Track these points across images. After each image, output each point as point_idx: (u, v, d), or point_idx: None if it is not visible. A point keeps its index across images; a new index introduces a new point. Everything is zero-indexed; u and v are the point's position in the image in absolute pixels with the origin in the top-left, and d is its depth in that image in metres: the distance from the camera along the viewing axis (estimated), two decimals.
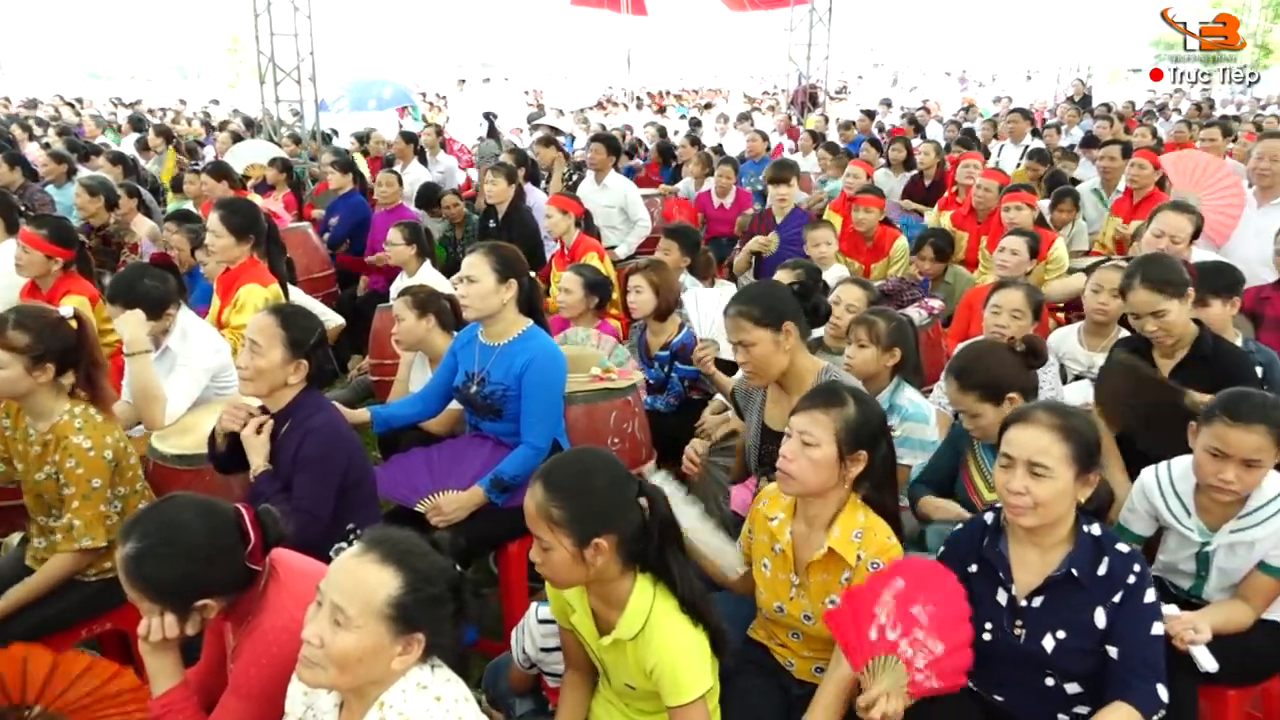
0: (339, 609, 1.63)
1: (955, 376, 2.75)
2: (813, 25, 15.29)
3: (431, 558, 1.72)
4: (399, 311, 3.68)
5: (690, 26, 28.88)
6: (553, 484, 1.90)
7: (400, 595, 1.64)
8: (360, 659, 1.63)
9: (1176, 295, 3.01)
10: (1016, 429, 2.11)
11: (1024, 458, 2.06)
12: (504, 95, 19.20)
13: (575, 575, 1.93)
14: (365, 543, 1.70)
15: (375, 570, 1.65)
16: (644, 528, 1.92)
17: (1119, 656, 2.02)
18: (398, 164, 8.65)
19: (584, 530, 1.87)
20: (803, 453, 2.20)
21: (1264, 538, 2.36)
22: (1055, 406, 2.15)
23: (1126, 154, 6.69)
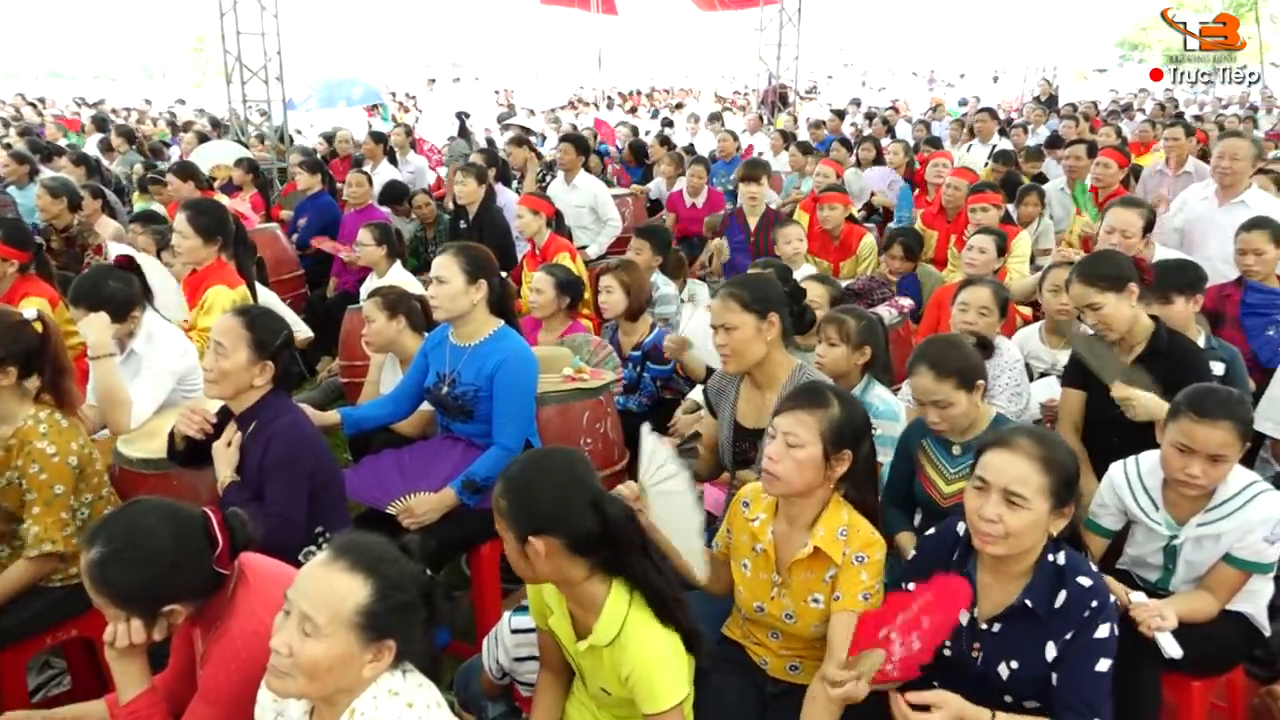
0: (307, 618, 1.61)
1: (930, 366, 2.69)
2: (782, 25, 15.37)
3: (401, 563, 1.71)
4: (369, 313, 3.66)
5: (661, 26, 28.93)
6: (506, 477, 1.93)
7: (370, 603, 1.63)
8: (330, 668, 1.61)
9: (1111, 289, 3.04)
10: (996, 454, 2.04)
11: (1000, 484, 1.99)
12: (474, 95, 19.13)
13: (525, 571, 1.95)
14: (333, 550, 1.68)
15: (344, 578, 1.64)
16: (599, 535, 1.90)
17: (1060, 689, 2.02)
18: (367, 164, 8.59)
19: (521, 528, 1.89)
20: (788, 454, 2.20)
21: (1230, 531, 2.40)
22: (1038, 435, 2.09)
23: (1092, 153, 6.77)
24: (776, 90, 15.49)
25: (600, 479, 2.01)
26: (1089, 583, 2.04)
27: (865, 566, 2.20)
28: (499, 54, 31.54)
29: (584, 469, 1.97)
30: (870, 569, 2.20)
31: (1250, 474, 2.47)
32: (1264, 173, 5.82)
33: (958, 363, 2.69)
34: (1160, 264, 3.52)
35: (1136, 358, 3.15)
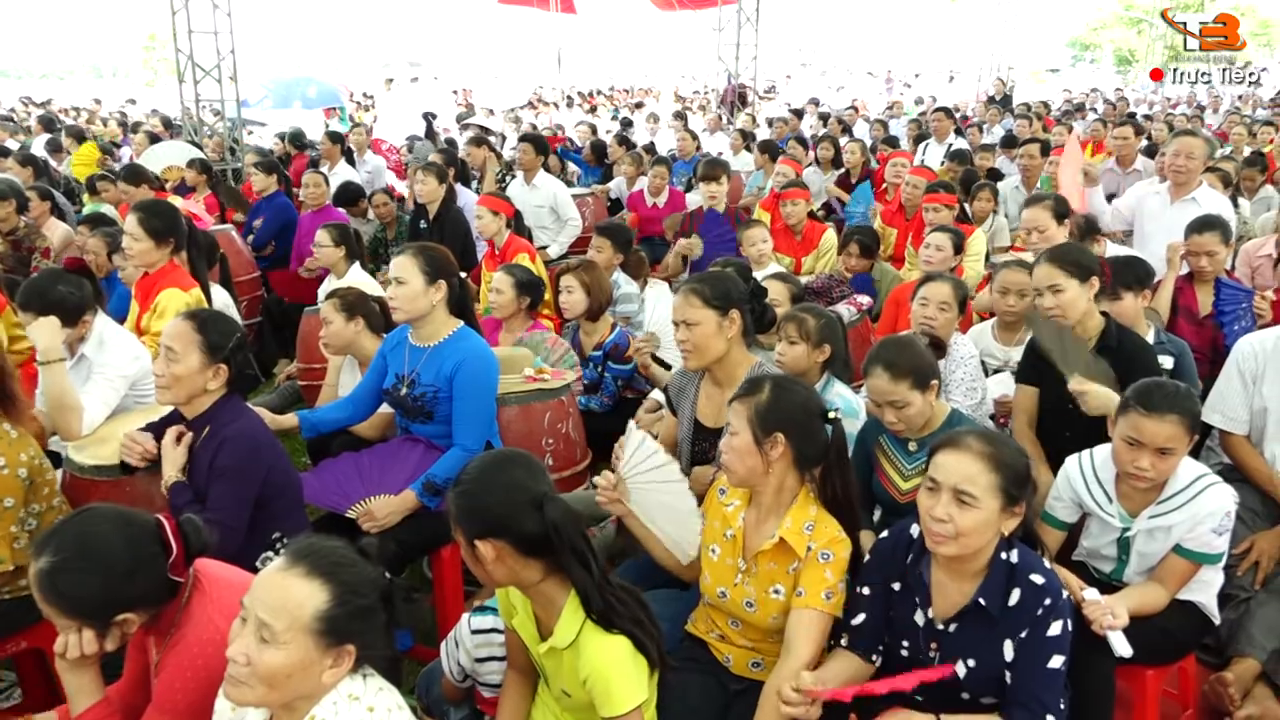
0: (265, 625, 1.59)
1: (886, 367, 2.72)
2: (740, 25, 15.44)
3: (360, 568, 1.69)
4: (326, 314, 3.62)
5: (620, 26, 28.92)
6: (460, 478, 1.94)
7: (329, 609, 1.61)
8: (289, 675, 1.60)
9: (1076, 276, 3.10)
10: (946, 454, 2.06)
11: (950, 484, 2.01)
12: (433, 95, 18.99)
13: (481, 573, 1.94)
14: (290, 555, 1.66)
15: (302, 584, 1.62)
16: (542, 538, 1.89)
17: (1013, 685, 2.04)
18: (324, 165, 8.50)
19: (469, 531, 1.89)
20: (728, 442, 2.26)
21: (1180, 522, 2.45)
22: (987, 435, 2.11)
23: (1045, 152, 6.88)
24: (736, 90, 15.56)
25: (562, 479, 2.01)
26: (1042, 580, 2.06)
27: (830, 564, 2.22)
28: (457, 53, 31.29)
29: (531, 471, 1.96)
30: (834, 567, 2.22)
31: (1199, 467, 2.52)
32: (1212, 171, 5.95)
33: (912, 363, 2.72)
34: (1109, 260, 3.59)
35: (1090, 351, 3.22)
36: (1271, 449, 3.23)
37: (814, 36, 33.14)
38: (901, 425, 2.76)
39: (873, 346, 2.91)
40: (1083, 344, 3.05)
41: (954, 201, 5.64)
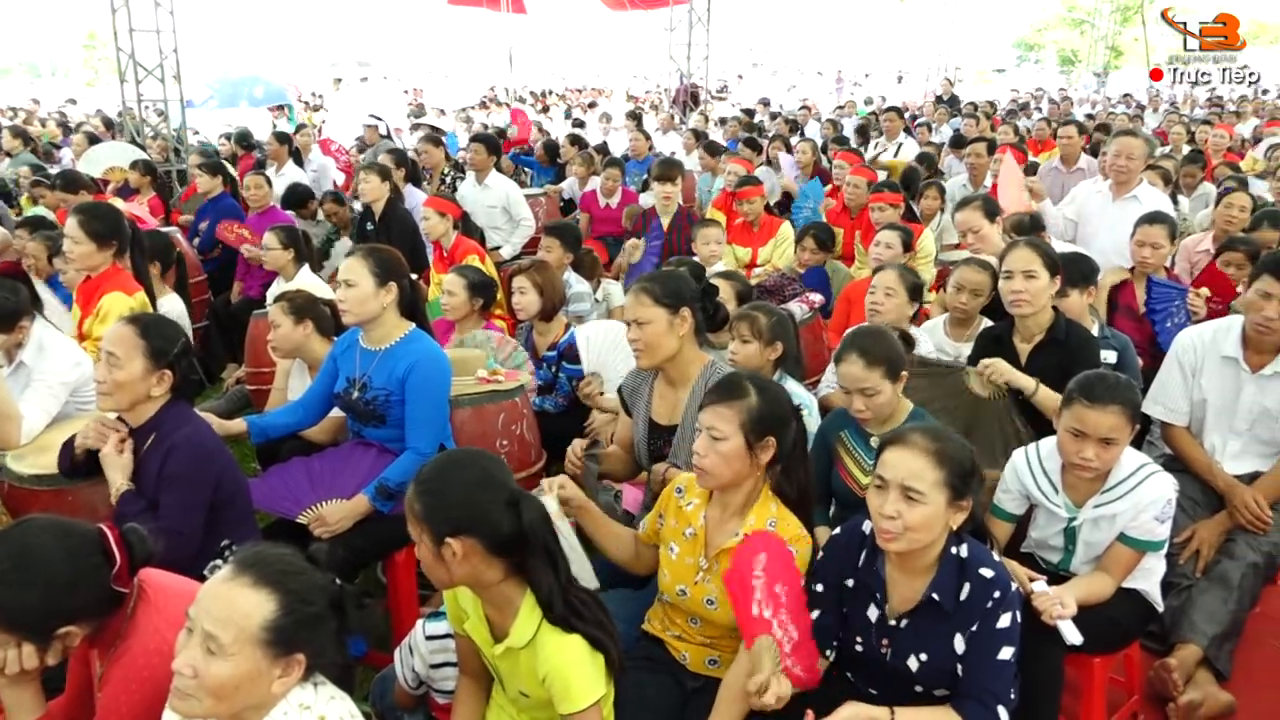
0: (211, 637, 1.56)
1: (860, 354, 2.73)
2: (692, 25, 15.49)
3: (308, 575, 1.67)
4: (275, 318, 3.57)
5: (571, 26, 28.86)
6: (420, 479, 1.90)
7: (276, 618, 1.59)
8: (237, 686, 1.58)
9: (1048, 269, 3.23)
10: (892, 451, 2.08)
11: (898, 481, 2.03)
12: (383, 94, 18.80)
13: (440, 574, 1.91)
14: (236, 565, 1.64)
15: (248, 594, 1.59)
16: (517, 537, 1.88)
17: (965, 678, 2.08)
18: (271, 165, 8.37)
19: (438, 529, 1.86)
20: (712, 447, 2.24)
21: (1123, 511, 2.51)
22: (931, 430, 2.14)
23: (991, 150, 7.00)
24: (688, 90, 15.60)
25: (518, 481, 1.99)
26: (991, 573, 2.09)
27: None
28: (407, 53, 31.01)
29: (499, 469, 1.96)
30: (797, 564, 2.24)
31: (1141, 456, 2.59)
32: (1152, 169, 6.10)
33: (886, 352, 2.76)
34: (1074, 255, 3.68)
35: (1035, 346, 3.30)
36: (1210, 439, 3.32)
37: (765, 37, 33.39)
38: (869, 414, 2.77)
39: (846, 334, 2.94)
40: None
41: (899, 200, 5.71)
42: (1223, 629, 2.92)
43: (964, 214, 4.45)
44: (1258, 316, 3.12)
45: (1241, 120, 12.94)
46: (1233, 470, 3.25)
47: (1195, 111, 16.79)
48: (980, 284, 3.81)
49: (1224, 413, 3.27)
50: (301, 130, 10.43)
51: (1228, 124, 11.10)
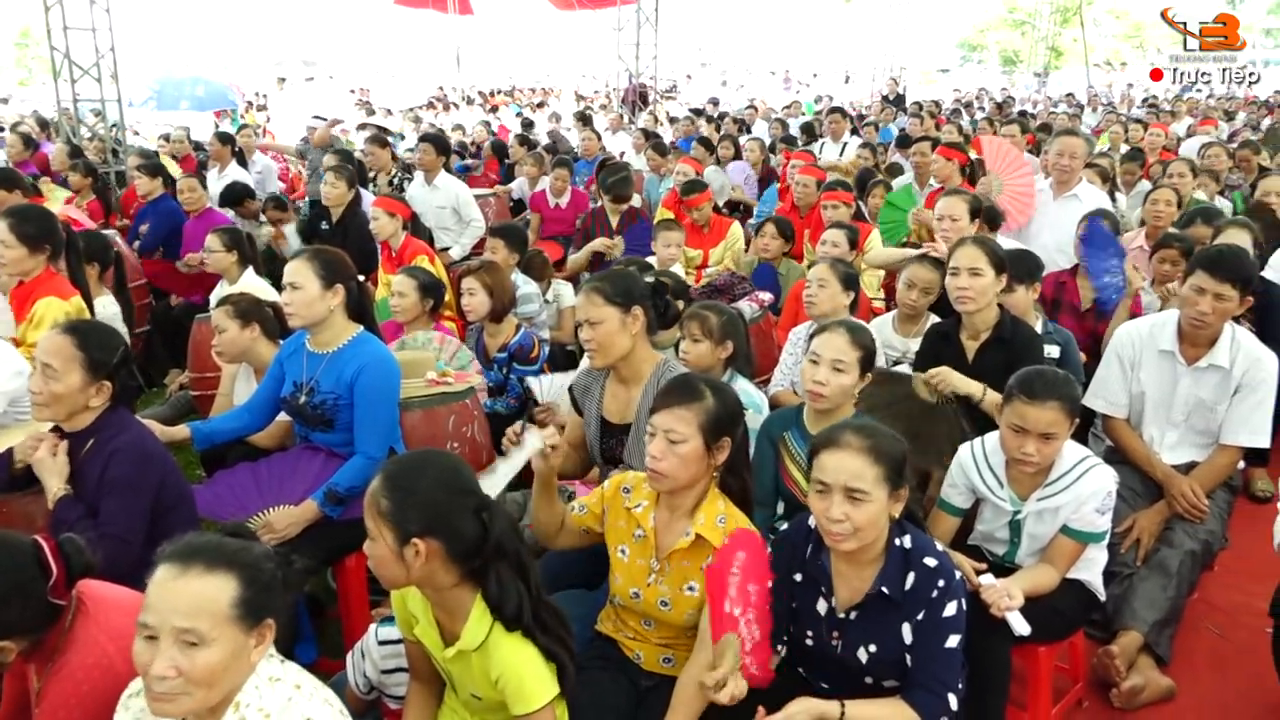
0: (188, 631, 1.56)
1: (849, 331, 2.78)
2: (640, 25, 15.51)
3: (249, 547, 1.69)
4: (219, 321, 3.50)
5: (518, 25, 28.74)
6: (389, 476, 1.88)
7: (242, 593, 1.61)
8: (226, 667, 1.60)
9: (994, 267, 3.29)
10: (829, 454, 2.09)
11: (840, 484, 2.04)
12: (329, 95, 18.52)
13: (395, 573, 1.88)
14: (178, 559, 1.62)
15: (208, 580, 1.60)
16: (477, 542, 1.87)
17: (914, 668, 2.11)
18: (213, 167, 8.21)
19: (404, 527, 1.84)
20: (670, 450, 2.23)
21: (1066, 503, 2.56)
22: (863, 427, 2.14)
23: (935, 148, 7.08)
24: (637, 89, 15.63)
25: None
26: (935, 563, 2.12)
27: None
28: (353, 52, 30.60)
29: (468, 473, 1.95)
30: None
31: (1083, 449, 2.64)
32: (1091, 167, 6.24)
33: (869, 343, 2.82)
34: (1021, 253, 3.74)
35: (982, 343, 3.35)
36: (1149, 431, 3.41)
37: (713, 37, 33.53)
38: (827, 391, 2.74)
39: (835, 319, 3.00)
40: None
41: (851, 200, 5.76)
42: (1162, 615, 2.99)
43: (947, 201, 4.49)
44: (1192, 311, 3.20)
45: (1176, 120, 13.27)
46: (1170, 460, 3.34)
47: (1133, 111, 17.17)
48: (931, 281, 3.87)
49: (1161, 405, 3.36)
50: (244, 131, 10.23)
51: (1163, 123, 11.38)
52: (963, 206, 4.42)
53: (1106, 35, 37.53)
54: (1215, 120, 12.87)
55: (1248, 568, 3.45)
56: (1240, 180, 7.74)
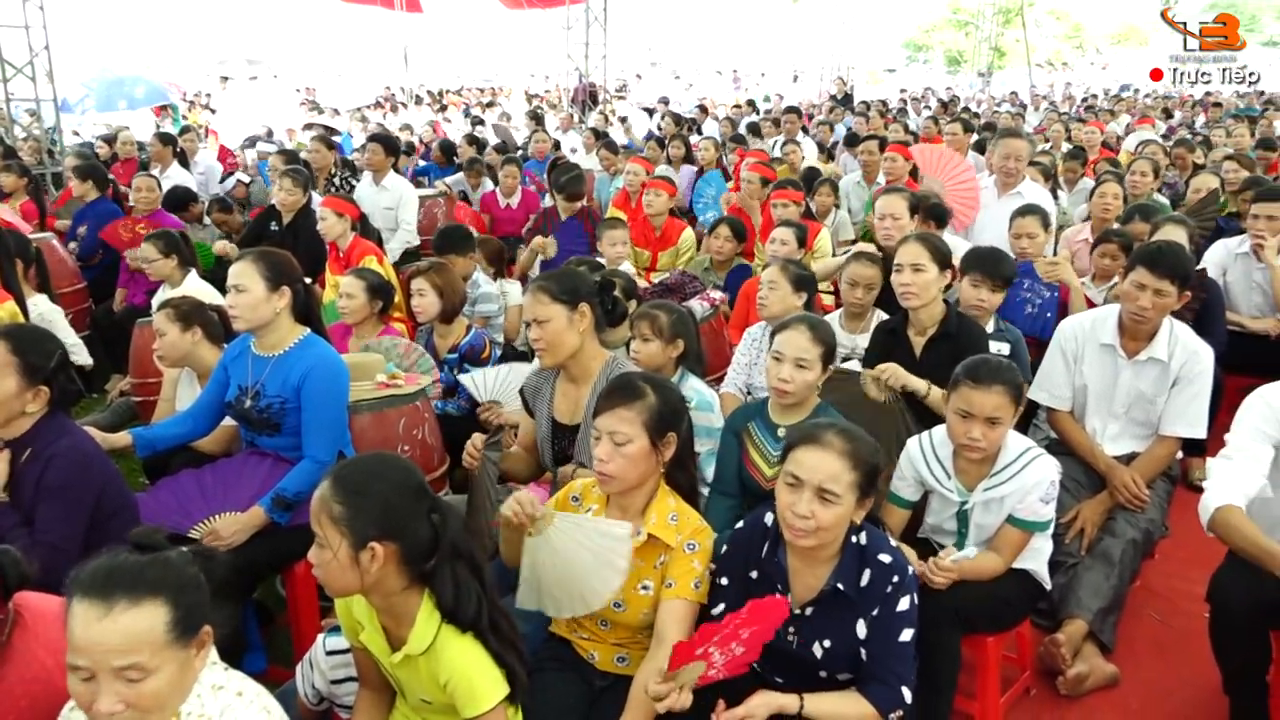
0: (130, 666, 1.52)
1: (809, 327, 2.85)
2: (589, 25, 15.50)
3: (165, 561, 1.63)
4: (159, 325, 3.42)
5: (467, 24, 28.51)
6: (339, 480, 1.84)
7: (174, 616, 1.57)
8: (174, 687, 1.59)
9: (937, 262, 3.35)
10: (807, 451, 2.11)
11: (814, 482, 2.06)
12: (274, 94, 18.25)
13: (348, 580, 1.84)
14: (97, 595, 1.54)
15: (135, 614, 1.54)
16: (431, 544, 1.86)
17: (868, 660, 2.15)
18: (155, 167, 8.02)
19: (362, 531, 1.81)
20: (617, 452, 2.22)
21: (1011, 493, 2.61)
22: (846, 430, 2.17)
23: (883, 148, 7.17)
24: (587, 89, 15.61)
25: None
26: (889, 559, 2.16)
27: (696, 554, 2.26)
28: (299, 50, 30.12)
29: (420, 476, 1.94)
30: (700, 557, 2.26)
31: (1026, 440, 2.70)
32: (1033, 165, 6.37)
33: (829, 338, 2.87)
34: (978, 254, 3.78)
35: (930, 338, 3.41)
36: (1091, 423, 3.48)
37: (663, 36, 33.58)
38: (790, 387, 2.80)
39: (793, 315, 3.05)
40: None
41: (800, 198, 5.80)
42: (1106, 603, 3.06)
43: (887, 199, 4.56)
44: (1132, 306, 3.28)
45: (1115, 119, 13.58)
46: (1112, 452, 3.41)
47: (1073, 110, 17.54)
48: (871, 278, 3.92)
49: (1103, 397, 3.43)
50: (187, 133, 10.03)
51: (1100, 121, 11.64)
52: (903, 204, 4.49)
53: (1047, 36, 38.30)
54: (1152, 119, 13.19)
55: (1187, 555, 3.54)
56: (1176, 177, 7.95)
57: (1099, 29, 40.37)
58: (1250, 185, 5.84)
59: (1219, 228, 5.48)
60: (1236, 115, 13.31)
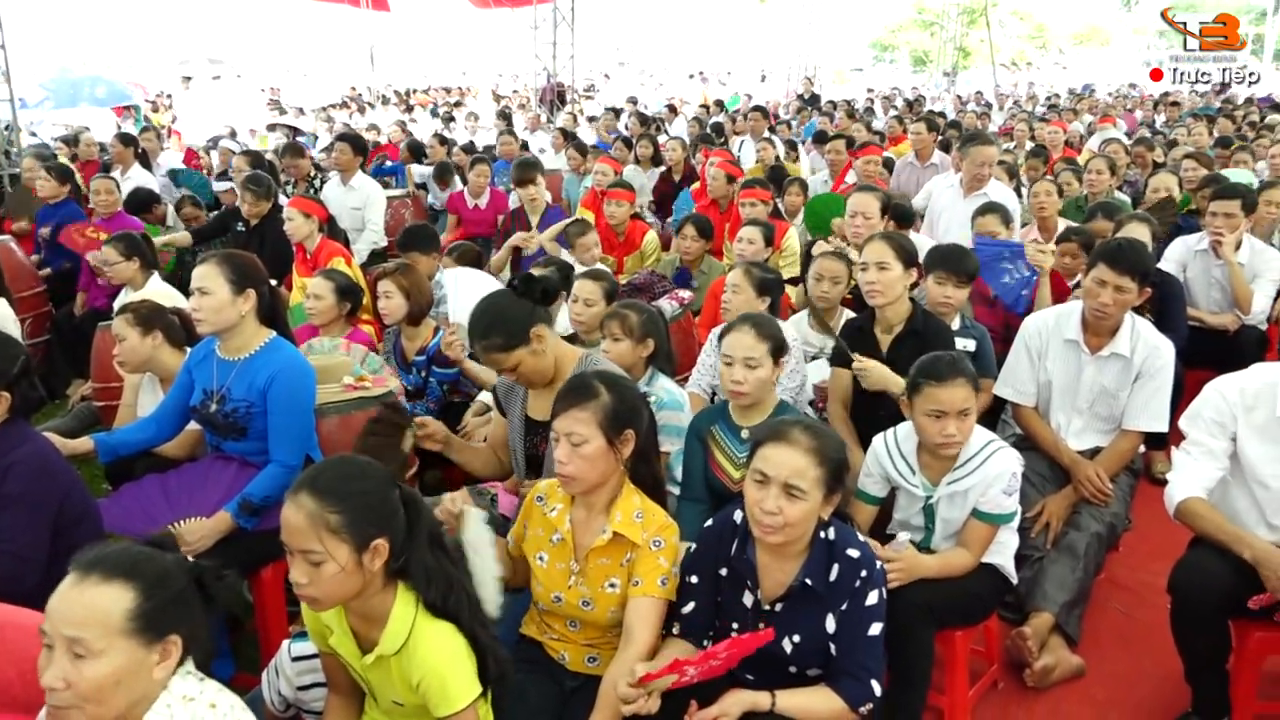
0: (76, 641, 1.51)
1: (754, 326, 2.86)
2: (556, 24, 15.47)
3: (158, 559, 1.64)
4: (119, 330, 3.37)
5: (435, 23, 28.34)
6: (325, 490, 1.81)
7: (138, 605, 1.56)
8: (117, 683, 1.54)
9: (901, 260, 3.38)
10: (774, 448, 2.12)
11: (781, 478, 2.08)
12: (237, 93, 18.05)
13: (350, 587, 1.84)
14: (81, 567, 1.58)
15: (102, 590, 1.55)
16: (409, 532, 1.88)
17: (838, 655, 2.17)
18: (116, 169, 7.91)
19: (364, 532, 1.81)
20: (575, 453, 2.22)
21: (974, 486, 2.65)
22: (811, 427, 2.19)
23: (850, 147, 7.23)
24: (554, 89, 15.58)
25: None
26: (857, 554, 2.18)
27: (662, 551, 2.26)
28: (263, 49, 29.79)
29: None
30: (666, 553, 2.27)
31: (988, 434, 2.73)
32: (998, 164, 6.45)
33: (775, 333, 2.86)
34: (939, 250, 3.83)
35: (896, 336, 3.43)
36: (1056, 418, 3.52)
37: (631, 36, 33.60)
38: (745, 388, 2.81)
39: (738, 316, 3.04)
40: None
41: (769, 197, 5.82)
42: (1071, 596, 3.10)
43: (859, 198, 4.59)
44: (1094, 303, 3.32)
45: (1077, 118, 13.75)
46: (1076, 446, 3.45)
47: (1037, 109, 17.74)
48: (838, 272, 3.95)
49: (1067, 392, 3.47)
50: (146, 132, 9.89)
51: (1063, 121, 11.79)
52: (875, 204, 4.54)
53: (1011, 36, 38.74)
54: (1114, 118, 13.37)
55: (1150, 548, 3.60)
56: (1137, 176, 8.07)
57: (1062, 29, 40.91)
58: (1209, 183, 5.95)
59: (1178, 225, 5.56)
60: (1195, 114, 13.55)
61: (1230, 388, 2.68)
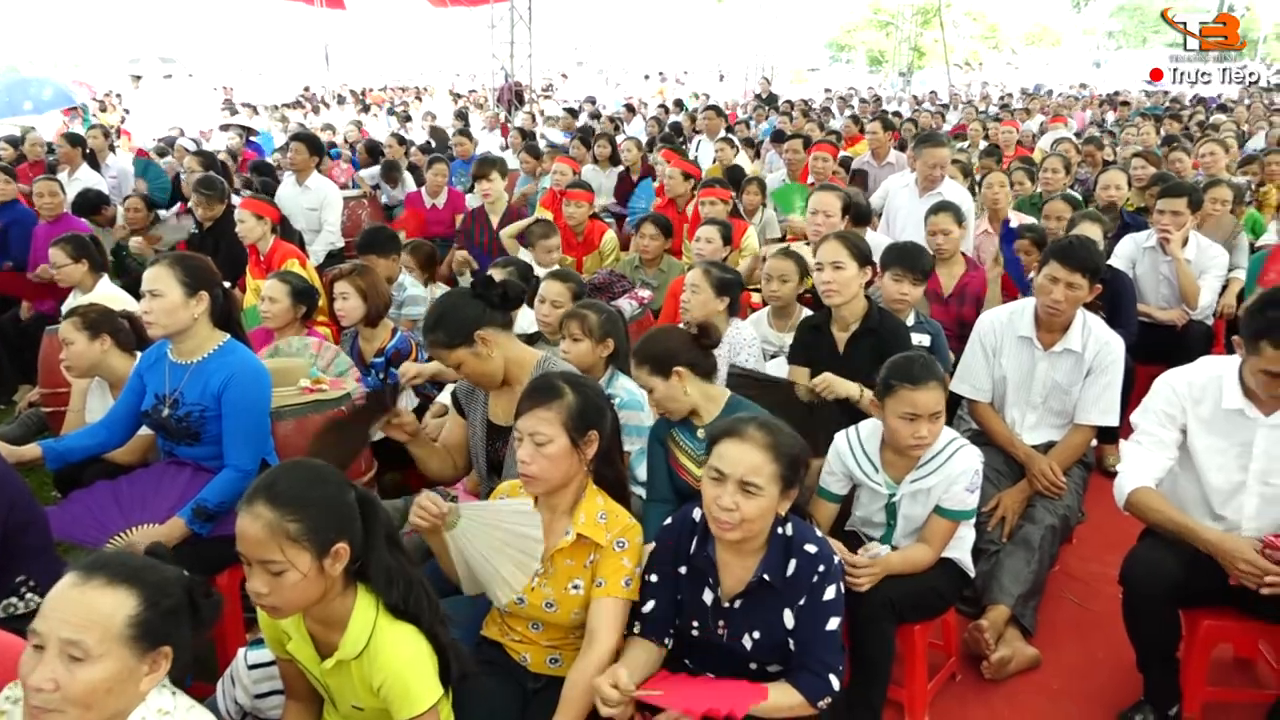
0: (74, 643, 1.49)
1: (633, 354, 2.91)
2: (514, 23, 15.41)
3: (159, 568, 1.62)
4: (66, 334, 3.29)
5: (391, 21, 28.09)
6: (282, 497, 1.78)
7: (140, 613, 1.54)
8: (109, 689, 1.52)
9: (856, 260, 3.42)
10: (729, 444, 2.13)
11: (736, 475, 2.09)
12: (189, 93, 17.75)
13: (310, 594, 1.81)
14: (85, 570, 1.56)
15: (106, 594, 1.53)
16: (367, 534, 1.87)
17: (797, 650, 2.18)
18: (63, 170, 7.74)
19: (324, 538, 1.79)
20: (538, 453, 2.22)
21: (937, 483, 2.68)
22: (767, 423, 2.19)
23: (807, 145, 7.28)
24: (512, 88, 15.51)
25: None
26: (815, 549, 2.20)
27: (626, 552, 2.27)
28: (215, 48, 29.33)
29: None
30: (630, 554, 2.27)
31: (950, 432, 2.76)
32: (953, 162, 6.53)
33: (649, 350, 2.85)
34: (898, 249, 3.87)
35: (852, 334, 3.46)
36: (1010, 414, 3.58)
37: (589, 36, 33.59)
38: (657, 410, 2.89)
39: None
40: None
41: (728, 196, 5.83)
42: (1027, 589, 3.14)
43: (820, 196, 4.63)
44: (1047, 299, 3.38)
45: (1029, 117, 13.97)
46: (1030, 441, 3.51)
47: (990, 109, 18.00)
48: (788, 270, 3.98)
49: (1021, 388, 3.53)
50: (93, 130, 9.68)
51: (1015, 120, 11.97)
52: (836, 202, 4.58)
53: (965, 36, 39.27)
54: (1065, 118, 13.60)
55: (1102, 539, 3.67)
56: (1088, 174, 8.21)
57: (1013, 30, 41.57)
58: (1157, 181, 6.07)
59: (1125, 223, 5.68)
60: (1143, 114, 13.82)
61: (1179, 380, 2.73)
